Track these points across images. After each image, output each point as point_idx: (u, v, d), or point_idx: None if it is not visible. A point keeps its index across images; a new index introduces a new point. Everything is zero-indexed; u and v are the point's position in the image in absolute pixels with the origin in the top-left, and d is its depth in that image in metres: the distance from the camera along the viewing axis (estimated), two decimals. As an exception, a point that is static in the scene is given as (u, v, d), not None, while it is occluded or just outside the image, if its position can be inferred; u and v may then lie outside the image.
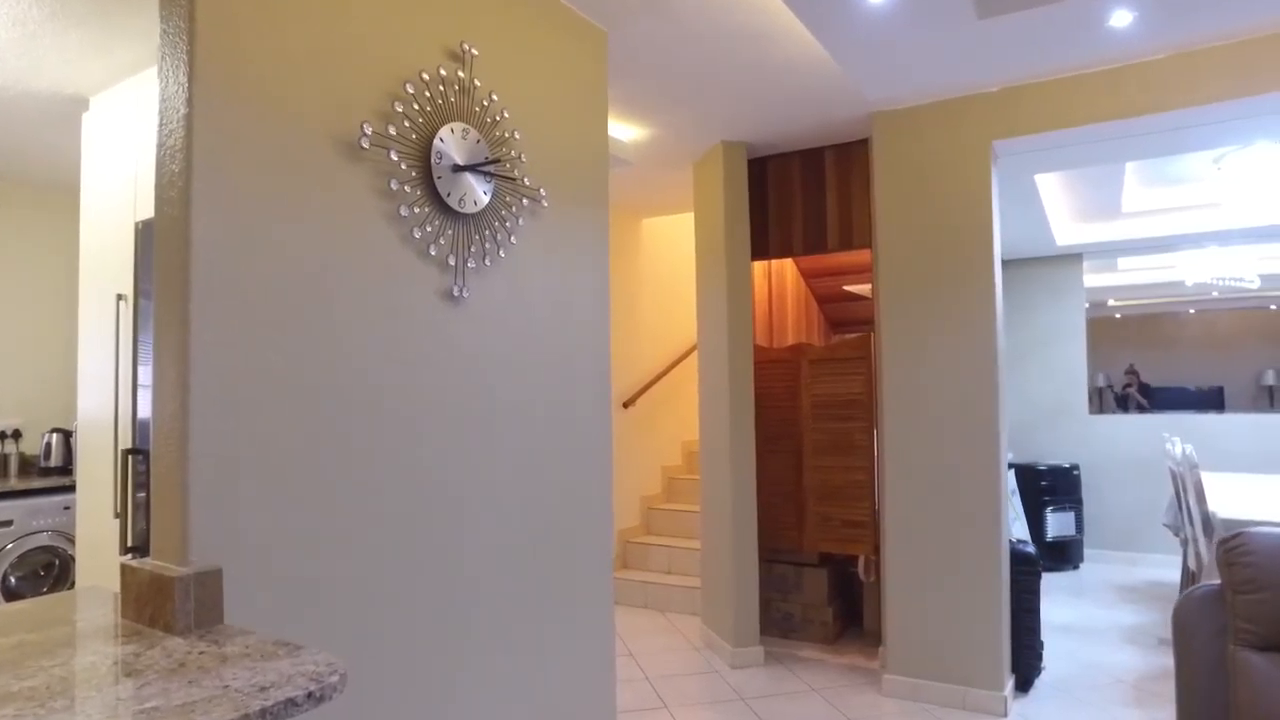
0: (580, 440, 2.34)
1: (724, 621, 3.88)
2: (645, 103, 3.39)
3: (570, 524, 2.29)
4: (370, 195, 1.71)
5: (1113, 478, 5.69)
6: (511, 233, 2.09)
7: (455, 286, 1.92)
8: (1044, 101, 3.08)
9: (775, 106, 3.41)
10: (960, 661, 3.18)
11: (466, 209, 1.94)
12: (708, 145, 3.97)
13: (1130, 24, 2.35)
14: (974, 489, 3.18)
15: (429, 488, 1.82)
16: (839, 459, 3.94)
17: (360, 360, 1.67)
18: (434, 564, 1.82)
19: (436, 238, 1.86)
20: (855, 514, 3.87)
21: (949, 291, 3.27)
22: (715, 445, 3.99)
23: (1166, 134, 3.08)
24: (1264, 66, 2.74)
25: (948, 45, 2.59)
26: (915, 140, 3.34)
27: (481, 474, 1.97)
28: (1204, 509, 3.38)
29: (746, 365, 3.91)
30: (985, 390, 3.19)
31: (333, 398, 1.60)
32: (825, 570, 4.10)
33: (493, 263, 2.04)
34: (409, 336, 1.79)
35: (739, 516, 3.84)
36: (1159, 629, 4.16)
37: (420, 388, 1.81)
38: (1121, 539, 5.60)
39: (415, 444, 1.79)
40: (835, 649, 3.96)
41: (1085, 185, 4.41)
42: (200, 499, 1.37)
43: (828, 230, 3.97)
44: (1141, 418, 5.86)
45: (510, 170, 2.09)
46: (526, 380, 2.15)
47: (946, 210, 3.27)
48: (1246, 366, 10.17)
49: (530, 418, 2.15)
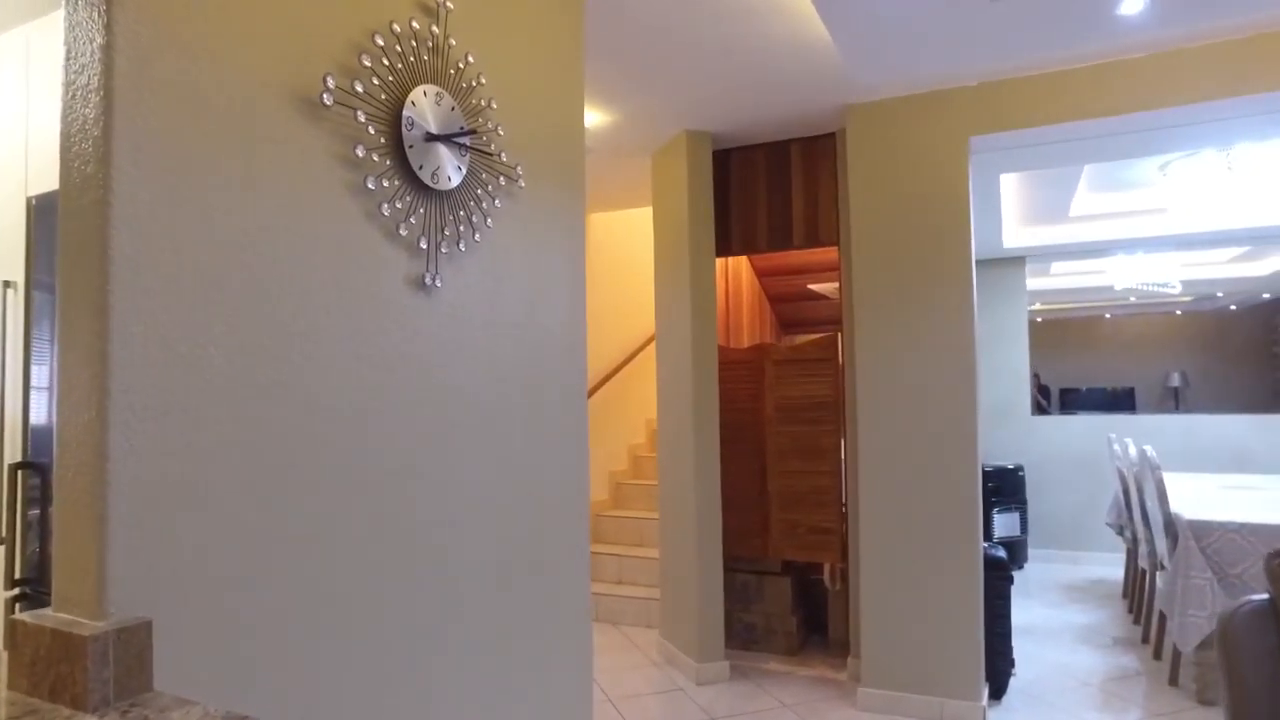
0: (556, 452, 2.10)
1: (687, 635, 3.69)
2: (605, 84, 3.17)
3: (547, 542, 2.05)
4: (333, 162, 1.44)
5: (1055, 478, 5.78)
6: (488, 215, 1.84)
7: (427, 273, 1.66)
8: (1022, 98, 3.00)
9: (745, 94, 3.25)
10: (937, 672, 3.08)
11: (440, 185, 1.68)
12: (670, 134, 3.77)
13: (1140, 11, 2.27)
14: (951, 494, 3.09)
15: (398, 508, 1.56)
16: (805, 463, 3.80)
17: (319, 358, 1.39)
18: (405, 594, 1.55)
19: (407, 216, 1.60)
20: (822, 520, 3.75)
21: (925, 290, 3.17)
22: (677, 449, 3.80)
23: (1142, 134, 3.06)
24: (1248, 67, 2.73)
25: (954, 27, 2.44)
26: (891, 134, 3.23)
27: (454, 490, 1.72)
28: (1166, 509, 3.39)
29: (711, 366, 3.73)
30: (962, 390, 3.10)
31: (287, 404, 1.32)
32: (788, 578, 3.96)
33: (467, 248, 1.79)
34: (376, 330, 1.53)
35: (703, 524, 3.66)
36: (1110, 628, 4.19)
37: (388, 391, 1.55)
38: (1064, 538, 5.70)
39: (383, 458, 1.52)
40: (799, 660, 3.83)
41: (1039, 188, 4.42)
42: (123, 532, 1.08)
43: (793, 226, 3.83)
44: (1082, 418, 5.97)
45: (487, 144, 1.84)
46: (501, 386, 1.90)
47: (922, 207, 3.17)
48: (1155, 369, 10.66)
49: (505, 427, 1.90)
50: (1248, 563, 3.12)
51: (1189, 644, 3.12)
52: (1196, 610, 3.11)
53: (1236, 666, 1.56)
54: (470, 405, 1.78)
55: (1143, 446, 3.61)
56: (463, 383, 1.77)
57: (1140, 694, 3.30)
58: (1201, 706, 3.15)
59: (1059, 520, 5.72)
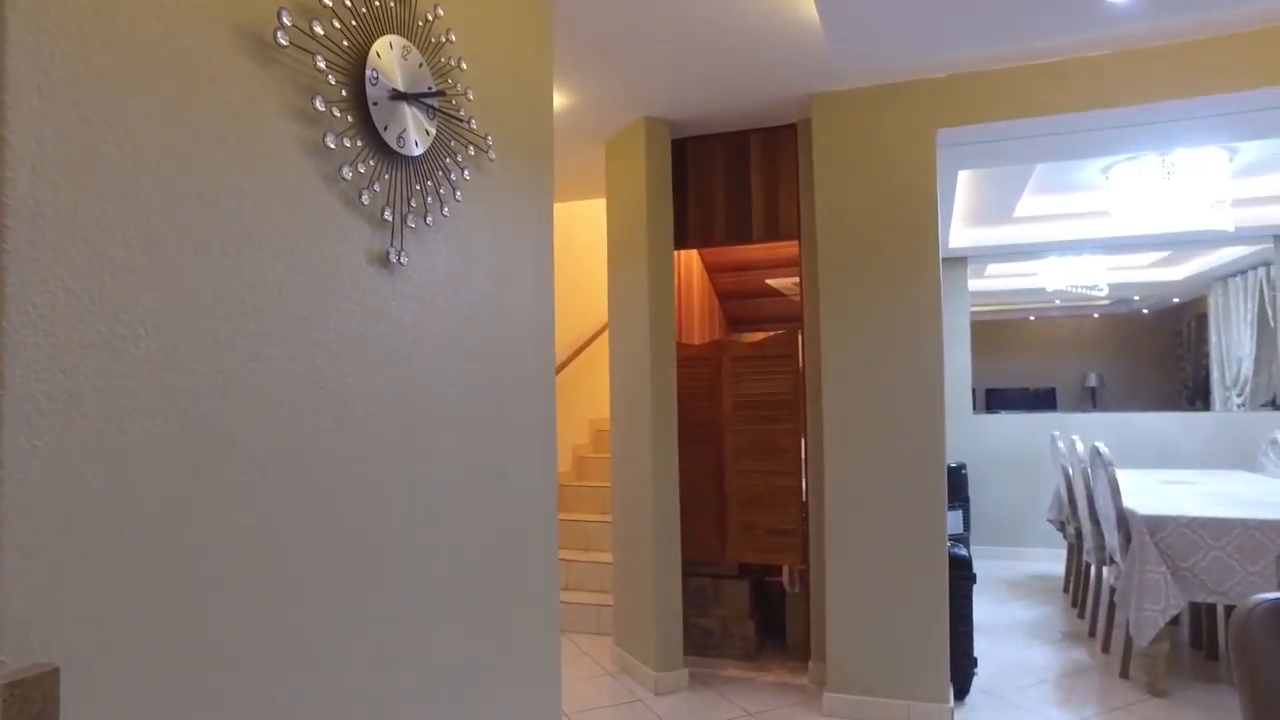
0: (524, 453, 1.92)
1: (644, 643, 3.53)
2: (559, 64, 3.00)
3: (515, 551, 1.86)
4: (287, 114, 1.23)
5: (996, 475, 5.88)
6: (456, 187, 1.65)
7: (392, 249, 1.46)
8: (990, 91, 2.97)
9: (707, 80, 3.12)
10: (904, 675, 3.01)
11: (406, 149, 1.48)
12: (627, 121, 3.62)
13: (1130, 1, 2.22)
14: (918, 493, 3.03)
15: (356, 516, 1.35)
16: (764, 463, 3.70)
17: (266, 346, 1.18)
18: (363, 614, 1.35)
19: (370, 182, 1.39)
20: (782, 522, 3.65)
21: (892, 286, 3.10)
22: (632, 449, 3.65)
23: (1103, 132, 3.07)
24: (1209, 67, 2.75)
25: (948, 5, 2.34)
26: (857, 125, 3.15)
27: (415, 502, 1.52)
28: (1119, 505, 3.42)
29: (669, 364, 3.59)
30: (929, 388, 3.04)
31: (231, 395, 1.11)
32: (746, 582, 3.86)
33: (434, 222, 1.59)
34: (334, 311, 1.32)
35: (661, 527, 3.51)
36: (1058, 623, 4.24)
37: (347, 382, 1.34)
38: (1004, 534, 5.79)
39: (340, 460, 1.32)
40: (758, 665, 3.72)
41: (988, 188, 4.45)
42: (19, 559, 0.86)
43: (752, 219, 3.73)
44: (1022, 417, 6.09)
45: (456, 109, 1.65)
46: (469, 380, 1.70)
47: (889, 200, 3.11)
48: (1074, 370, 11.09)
49: (473, 426, 1.71)
50: (1198, 556, 3.17)
51: (1145, 637, 3.14)
52: (1152, 604, 3.14)
53: (1257, 668, 1.50)
54: (436, 401, 1.59)
55: (1095, 443, 3.65)
56: (429, 376, 1.57)
57: (1095, 688, 3.31)
58: (1154, 698, 3.19)
59: (999, 517, 5.82)
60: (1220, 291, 6.99)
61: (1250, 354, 6.59)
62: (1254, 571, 3.10)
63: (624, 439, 3.76)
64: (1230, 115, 3.03)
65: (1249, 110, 2.98)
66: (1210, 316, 7.33)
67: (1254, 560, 3.10)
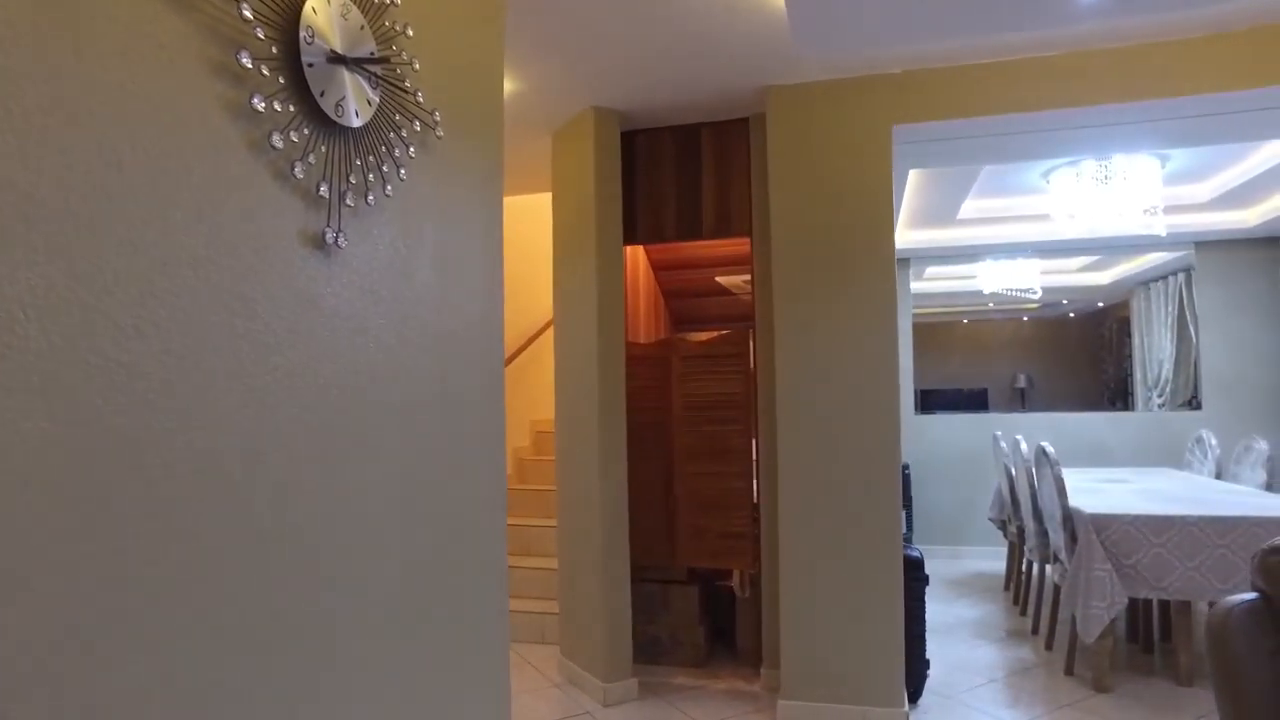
0: (472, 459, 1.77)
1: (591, 652, 3.41)
2: (508, 48, 2.85)
3: (462, 566, 1.71)
4: (207, 68, 1.07)
5: (935, 475, 5.94)
6: (400, 165, 1.50)
7: (329, 229, 1.30)
8: (946, 89, 2.95)
9: (659, 67, 3.02)
10: (859, 680, 2.96)
11: (346, 119, 1.32)
12: (575, 110, 3.49)
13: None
14: (872, 494, 2.99)
15: (285, 534, 1.19)
16: (714, 465, 3.62)
17: (180, 336, 1.02)
18: (297, 636, 1.19)
19: (304, 153, 1.24)
20: (732, 525, 3.57)
21: (847, 283, 3.05)
22: (579, 451, 3.52)
23: (1056, 133, 3.08)
24: (1154, 72, 2.79)
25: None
26: (813, 119, 3.10)
27: (353, 509, 1.36)
28: (1065, 504, 3.46)
29: (618, 363, 3.48)
30: (884, 388, 3.00)
31: (128, 398, 0.95)
32: (695, 587, 3.76)
33: (377, 202, 1.44)
34: (261, 297, 1.16)
35: (610, 532, 3.39)
36: (1001, 621, 4.28)
37: (277, 381, 1.18)
38: (944, 534, 5.86)
39: (263, 466, 1.16)
40: (708, 672, 3.63)
41: (933, 189, 4.48)
42: None
43: (703, 215, 3.65)
44: (959, 417, 6.18)
45: (401, 79, 1.50)
46: (413, 379, 1.55)
47: (845, 197, 3.06)
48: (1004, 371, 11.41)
49: (417, 430, 1.56)
50: (1140, 553, 3.22)
51: (1092, 634, 3.17)
52: (1098, 601, 3.17)
53: (1235, 670, 1.47)
54: (377, 399, 1.43)
55: (1041, 443, 3.69)
56: (370, 371, 1.42)
57: (1042, 686, 3.34)
58: (1099, 694, 3.22)
59: (939, 516, 5.89)
60: (1143, 296, 7.26)
61: (1170, 356, 6.85)
62: (1192, 567, 3.17)
63: (570, 440, 3.62)
64: (1169, 121, 3.09)
65: (1186, 116, 3.04)
66: (1133, 320, 7.60)
67: (1192, 556, 3.16)
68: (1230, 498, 3.62)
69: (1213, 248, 5.75)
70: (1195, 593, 3.17)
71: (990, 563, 5.62)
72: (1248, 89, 2.80)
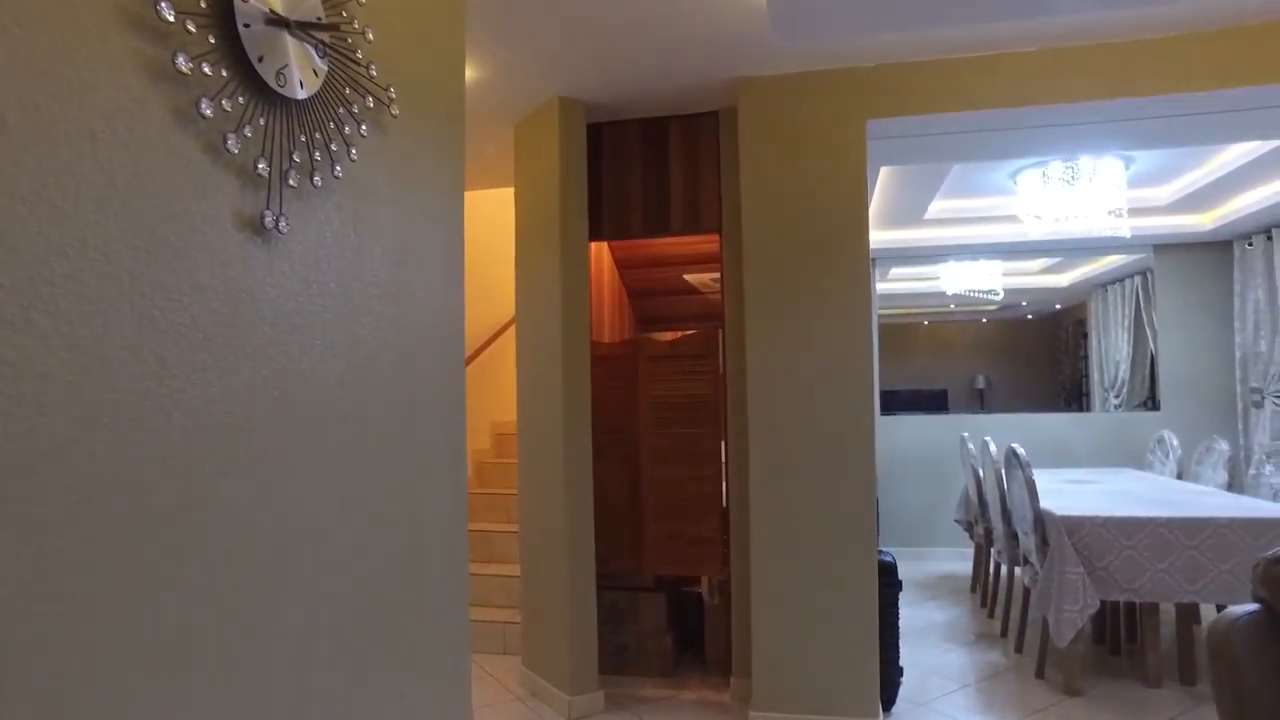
0: (430, 467, 1.64)
1: (555, 664, 3.27)
2: (469, 32, 2.71)
3: (418, 585, 1.58)
4: (117, 19, 0.92)
5: (900, 477, 5.92)
6: (351, 145, 1.36)
7: (268, 211, 1.16)
8: (921, 83, 2.89)
9: (626, 56, 2.90)
10: (833, 690, 2.88)
11: (289, 90, 1.18)
12: (539, 100, 3.35)
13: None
14: (847, 499, 2.91)
15: (209, 556, 1.05)
16: (683, 468, 3.51)
17: (83, 329, 0.87)
18: (224, 672, 1.05)
19: (239, 124, 1.09)
20: (702, 530, 3.47)
21: (820, 282, 2.97)
22: (542, 455, 3.38)
23: (1029, 131, 3.04)
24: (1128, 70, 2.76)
25: None
26: (786, 112, 3.01)
27: (292, 526, 1.22)
28: (1036, 506, 3.43)
29: (583, 363, 3.35)
30: (859, 388, 2.93)
31: (17, 404, 0.80)
32: (663, 594, 3.66)
33: (325, 184, 1.30)
34: (186, 285, 1.02)
35: (574, 538, 3.27)
36: (970, 624, 4.26)
37: (201, 382, 1.04)
38: (909, 535, 5.84)
39: (186, 481, 1.02)
40: (676, 682, 3.53)
41: (903, 188, 4.44)
42: None
43: (671, 211, 3.54)
44: (922, 418, 6.17)
45: (352, 49, 1.36)
46: (363, 380, 1.42)
47: (818, 192, 2.98)
48: (964, 372, 11.53)
49: (369, 437, 1.42)
50: (1112, 555, 3.20)
51: (1065, 638, 3.14)
52: (1071, 605, 3.14)
53: (1238, 686, 1.40)
54: (322, 402, 1.29)
55: (1011, 445, 3.66)
56: (314, 371, 1.27)
57: (1014, 691, 3.30)
58: (1070, 698, 3.19)
59: (905, 517, 5.87)
60: (1100, 298, 7.36)
61: (1127, 357, 6.95)
62: (1162, 568, 3.15)
63: (533, 443, 3.49)
64: (1138, 121, 3.07)
65: (1155, 116, 3.03)
66: (1090, 322, 7.71)
67: (1162, 558, 3.15)
68: (1197, 498, 3.64)
69: (1170, 250, 5.83)
70: (1165, 594, 3.16)
71: (956, 564, 5.61)
72: (1215, 90, 2.79)
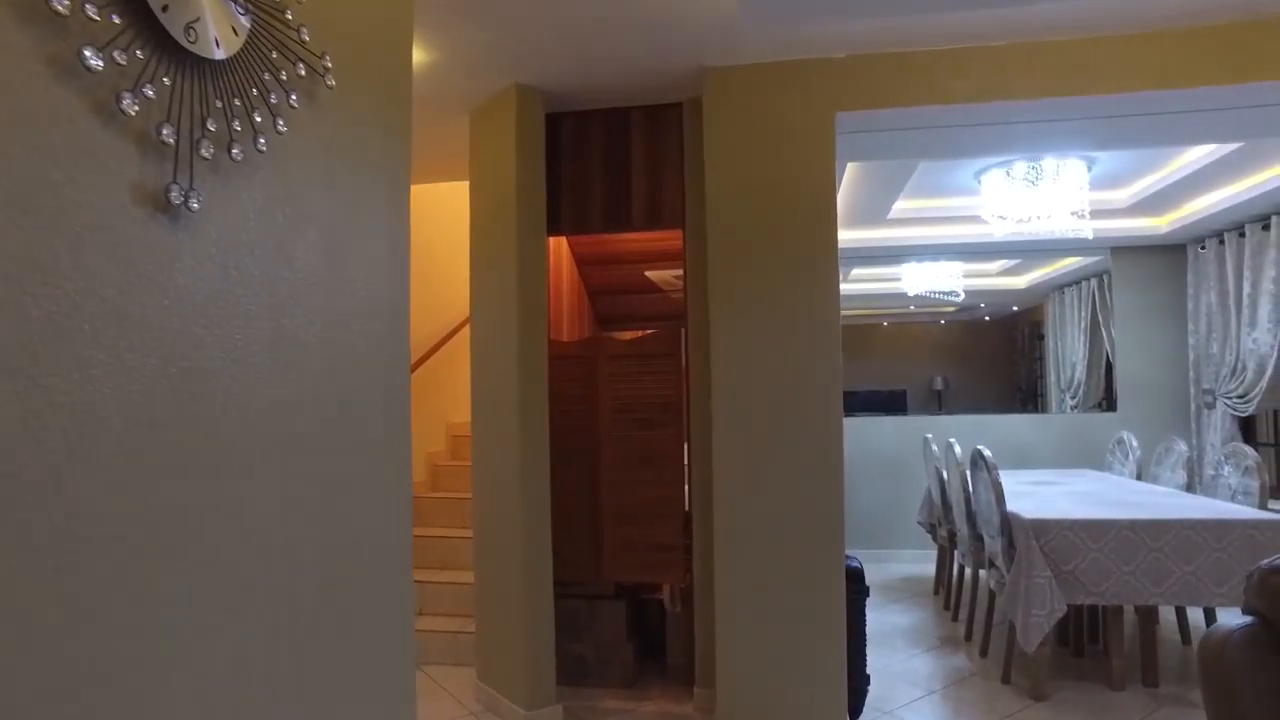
0: (370, 469, 1.49)
1: (511, 676, 3.13)
2: (420, 12, 2.56)
3: (358, 600, 1.43)
4: (-22, -56, 0.77)
5: (861, 478, 5.88)
6: (279, 115, 1.21)
7: (176, 186, 1.01)
8: (891, 75, 2.82)
9: (590, 43, 2.78)
10: (798, 699, 2.79)
11: (202, 48, 1.04)
12: (496, 87, 3.21)
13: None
14: (815, 503, 2.82)
15: (98, 586, 0.90)
16: (644, 472, 3.40)
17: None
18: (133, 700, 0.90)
19: (138, 83, 0.94)
20: (664, 536, 3.36)
21: (787, 279, 2.88)
22: (497, 457, 3.24)
23: (998, 128, 3.00)
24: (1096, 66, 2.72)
25: None
26: (752, 104, 2.91)
27: (205, 548, 1.07)
28: (1003, 509, 3.38)
29: (540, 363, 3.22)
30: (827, 389, 2.85)
31: None
32: (623, 602, 3.53)
33: (246, 158, 1.15)
34: (72, 276, 0.87)
35: (531, 544, 3.13)
36: (933, 627, 4.22)
37: (91, 383, 0.89)
38: (869, 537, 5.81)
39: (72, 498, 0.87)
40: (637, 693, 3.41)
41: (867, 187, 4.38)
42: None
43: (633, 206, 3.42)
44: (882, 419, 6.15)
45: (281, 7, 1.21)
46: (295, 374, 1.27)
47: (785, 187, 2.89)
48: (922, 373, 11.63)
49: (294, 438, 1.27)
50: (1079, 558, 3.16)
51: (1033, 644, 3.10)
52: (1038, 610, 3.10)
53: (1231, 696, 1.33)
54: (243, 405, 1.14)
55: (977, 446, 3.61)
56: (234, 370, 1.13)
57: (981, 696, 3.25)
58: (1037, 703, 3.15)
59: (865, 519, 5.83)
60: (1057, 300, 7.44)
61: (1083, 359, 7.03)
62: (1128, 571, 3.13)
63: (488, 445, 3.34)
64: (1105, 119, 3.04)
65: (1123, 115, 3.00)
66: (1047, 324, 7.79)
67: (1129, 560, 3.13)
68: (1160, 500, 3.64)
69: (1127, 253, 5.90)
70: (1130, 596, 3.14)
71: (918, 566, 5.59)
72: (1182, 88, 2.76)
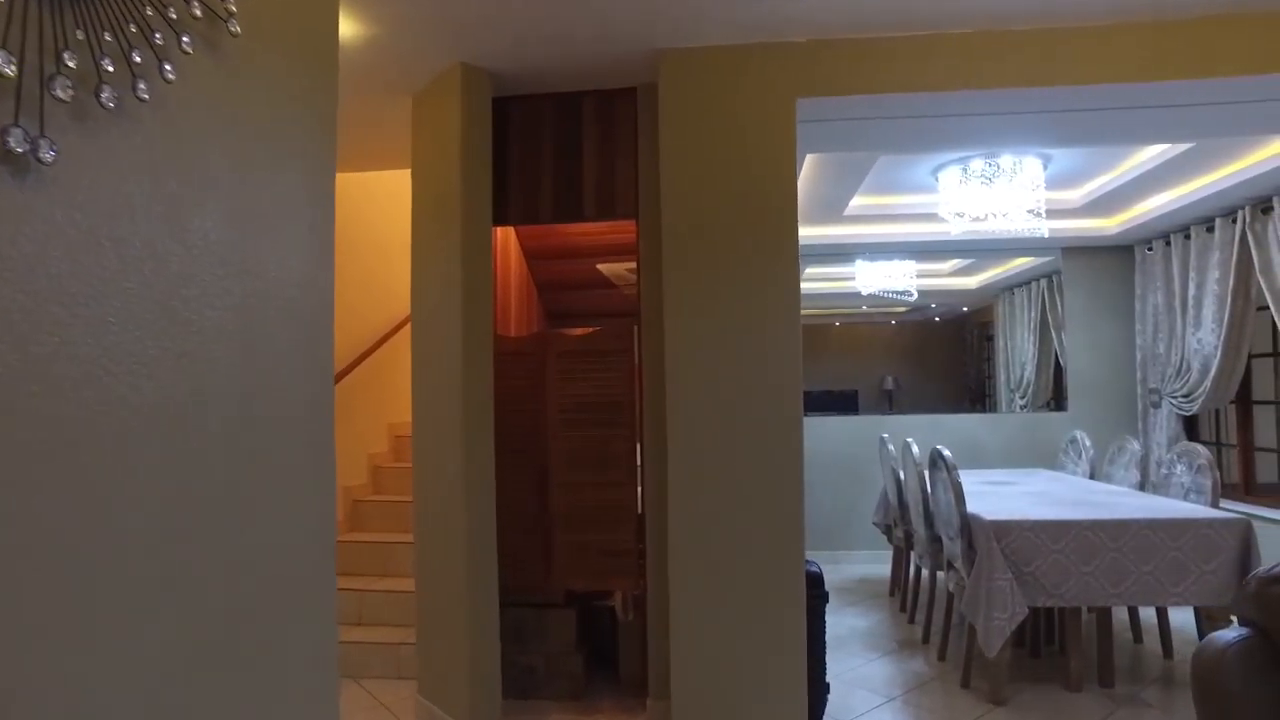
0: (283, 480, 1.31)
1: (455, 691, 2.95)
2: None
3: (270, 612, 1.25)
4: None
5: (814, 478, 5.82)
6: (166, 59, 1.03)
7: (17, 129, 0.82)
8: (855, 61, 2.72)
9: (540, 21, 2.63)
10: (757, 710, 2.67)
11: (54, -38, 0.85)
12: (440, 67, 3.02)
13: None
14: (772, 506, 2.70)
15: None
16: (595, 474, 3.24)
17: None
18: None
19: (-37, -3, 0.76)
20: (616, 541, 3.21)
21: (745, 272, 2.76)
22: (440, 459, 3.05)
23: (962, 120, 2.92)
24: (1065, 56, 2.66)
25: None
26: (710, 89, 2.78)
27: (72, 575, 0.89)
28: (963, 510, 3.32)
29: (485, 359, 3.04)
30: (786, 387, 2.73)
31: None
32: (573, 610, 3.37)
33: (123, 106, 0.96)
34: None
35: (476, 551, 2.95)
36: (890, 630, 4.15)
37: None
38: (823, 538, 5.74)
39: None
40: (587, 705, 3.25)
41: (823, 183, 4.29)
42: None
43: (584, 195, 3.26)
44: (836, 419, 6.10)
45: (165, -70, 1.03)
46: (188, 368, 1.08)
47: (744, 175, 2.76)
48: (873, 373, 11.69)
49: (185, 445, 1.09)
50: (1040, 560, 3.11)
51: (994, 648, 3.04)
52: (999, 613, 3.04)
53: (1226, 708, 1.24)
54: (118, 402, 0.96)
55: (936, 447, 3.55)
56: (105, 362, 0.94)
57: (941, 702, 3.17)
58: (997, 707, 3.09)
59: (820, 520, 5.77)
60: (1007, 300, 7.51)
61: (1033, 359, 7.10)
62: (1087, 572, 3.09)
63: (430, 446, 3.14)
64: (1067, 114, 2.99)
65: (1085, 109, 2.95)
66: (996, 324, 7.86)
67: (1088, 561, 3.09)
68: (1116, 499, 3.62)
69: (1078, 253, 5.96)
70: (1089, 598, 3.10)
71: (872, 566, 5.54)
72: (1146, 82, 2.72)
